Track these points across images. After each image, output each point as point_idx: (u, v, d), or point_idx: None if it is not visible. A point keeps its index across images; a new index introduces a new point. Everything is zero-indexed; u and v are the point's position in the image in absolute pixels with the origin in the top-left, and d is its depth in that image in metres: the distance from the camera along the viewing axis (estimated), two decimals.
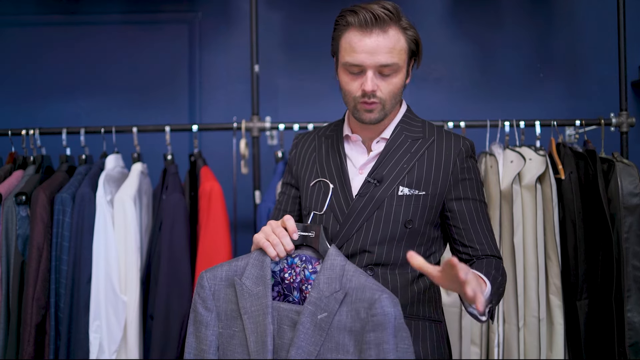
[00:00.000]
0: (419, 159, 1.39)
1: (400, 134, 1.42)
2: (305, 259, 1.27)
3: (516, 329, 2.02)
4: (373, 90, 1.33)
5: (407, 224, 1.37)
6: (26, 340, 1.91)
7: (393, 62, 1.33)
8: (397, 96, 1.39)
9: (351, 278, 1.18)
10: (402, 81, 1.37)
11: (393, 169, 1.38)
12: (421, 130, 1.44)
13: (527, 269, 2.03)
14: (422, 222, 1.38)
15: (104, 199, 2.00)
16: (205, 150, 2.46)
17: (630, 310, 2.00)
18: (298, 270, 1.27)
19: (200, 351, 1.24)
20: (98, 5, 2.85)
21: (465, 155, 1.41)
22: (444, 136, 1.43)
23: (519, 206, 2.04)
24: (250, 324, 1.21)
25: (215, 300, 1.26)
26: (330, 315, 1.16)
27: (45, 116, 2.75)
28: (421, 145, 1.41)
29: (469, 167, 1.41)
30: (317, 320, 1.17)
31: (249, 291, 1.23)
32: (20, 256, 1.97)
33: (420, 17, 2.87)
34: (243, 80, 2.77)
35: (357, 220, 1.37)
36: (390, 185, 1.37)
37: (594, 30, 2.83)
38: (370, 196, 1.37)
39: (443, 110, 2.71)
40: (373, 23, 1.31)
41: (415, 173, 1.38)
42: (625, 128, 2.33)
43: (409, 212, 1.36)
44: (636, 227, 2.02)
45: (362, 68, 1.33)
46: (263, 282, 1.22)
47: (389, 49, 1.32)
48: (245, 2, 2.82)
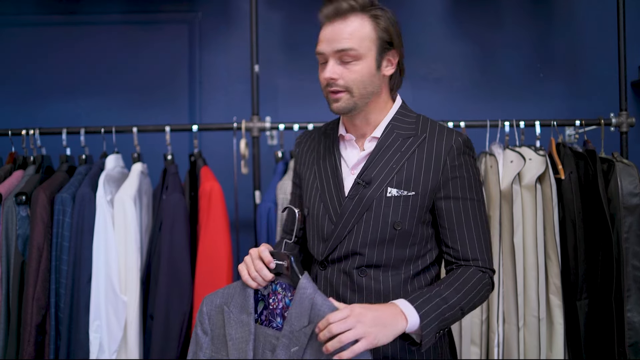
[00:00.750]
0: (409, 158, 1.36)
1: (391, 133, 1.40)
2: (284, 287, 1.30)
3: (516, 329, 2.02)
4: (331, 77, 1.33)
5: (396, 226, 1.35)
6: (26, 340, 1.91)
7: (350, 46, 1.32)
8: (366, 85, 1.35)
9: (318, 311, 1.22)
10: (368, 69, 1.34)
11: (382, 170, 1.37)
12: (414, 127, 1.40)
13: (527, 269, 2.03)
14: (413, 222, 1.35)
15: (104, 199, 2.00)
16: (205, 150, 2.46)
17: (630, 310, 2.00)
18: (280, 297, 1.31)
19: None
20: (98, 5, 2.85)
21: (457, 153, 1.35)
22: (436, 132, 1.38)
23: (518, 206, 2.04)
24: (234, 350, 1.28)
25: (211, 324, 1.33)
26: (301, 349, 1.21)
27: (45, 116, 2.76)
28: (412, 143, 1.38)
29: (460, 164, 1.36)
30: (291, 352, 1.22)
31: (235, 319, 1.30)
32: (20, 256, 1.97)
33: (420, 17, 2.88)
34: (243, 80, 2.77)
35: (348, 222, 1.36)
36: (379, 186, 1.36)
37: (594, 31, 2.83)
38: (359, 198, 1.36)
39: (443, 110, 2.71)
40: (335, 14, 1.33)
41: (405, 173, 1.36)
42: (625, 128, 2.34)
43: (397, 214, 1.34)
44: (636, 227, 2.03)
45: (325, 57, 1.35)
46: (246, 311, 1.29)
47: (348, 34, 1.32)
48: (245, 2, 2.82)
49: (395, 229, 1.34)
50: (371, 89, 1.37)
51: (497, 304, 2.03)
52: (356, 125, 1.43)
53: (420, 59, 2.87)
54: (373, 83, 1.36)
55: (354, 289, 1.37)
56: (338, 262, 1.39)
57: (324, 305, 1.22)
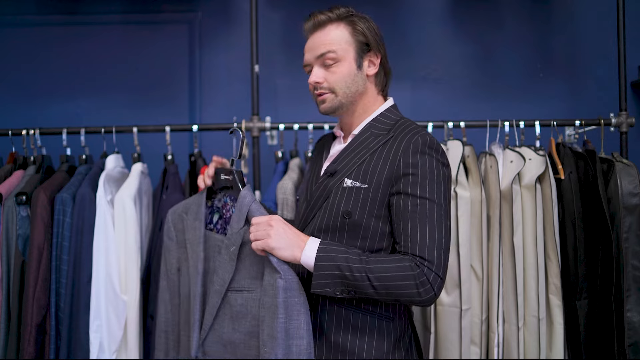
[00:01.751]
0: (372, 154, 1.44)
1: (366, 131, 1.49)
2: (232, 198, 1.51)
3: (516, 329, 2.02)
4: (316, 81, 1.47)
5: (345, 215, 1.41)
6: (26, 340, 1.91)
7: (328, 50, 1.45)
8: (349, 84, 1.46)
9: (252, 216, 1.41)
10: (348, 69, 1.46)
11: (347, 163, 1.46)
12: (388, 128, 1.48)
13: (527, 269, 2.03)
14: (364, 214, 1.39)
15: (104, 199, 2.00)
16: (205, 150, 2.46)
17: (629, 310, 2.00)
18: (229, 207, 1.53)
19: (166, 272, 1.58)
20: (98, 5, 2.85)
21: (412, 151, 1.38)
22: (402, 133, 1.44)
23: (518, 206, 2.05)
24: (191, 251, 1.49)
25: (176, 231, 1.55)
26: (237, 248, 1.39)
27: (45, 116, 2.76)
28: (379, 141, 1.45)
29: (415, 163, 1.37)
30: (230, 252, 1.40)
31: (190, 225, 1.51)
32: (20, 256, 1.97)
33: (420, 17, 2.88)
34: (243, 80, 2.77)
35: (314, 207, 1.48)
36: (339, 177, 1.45)
37: (594, 31, 2.83)
38: (323, 186, 1.47)
39: (443, 110, 2.72)
40: (315, 26, 1.48)
41: (364, 167, 1.43)
42: (625, 128, 2.34)
43: (349, 204, 1.41)
44: (636, 227, 2.03)
45: (310, 65, 1.49)
46: (199, 218, 1.51)
47: (326, 41, 1.46)
48: (245, 2, 2.82)
49: (344, 217, 1.41)
50: (355, 88, 1.47)
51: (497, 304, 2.03)
52: (345, 124, 1.55)
53: (421, 59, 2.87)
54: (356, 82, 1.47)
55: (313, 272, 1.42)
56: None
57: (257, 211, 1.41)
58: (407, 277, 1.30)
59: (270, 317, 1.33)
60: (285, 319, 1.31)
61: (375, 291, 1.31)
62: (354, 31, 1.47)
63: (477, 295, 2.04)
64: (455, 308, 2.01)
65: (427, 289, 1.30)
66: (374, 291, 1.31)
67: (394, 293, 1.31)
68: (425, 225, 1.34)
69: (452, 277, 2.01)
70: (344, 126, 1.56)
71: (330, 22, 1.47)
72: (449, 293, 2.02)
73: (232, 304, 1.41)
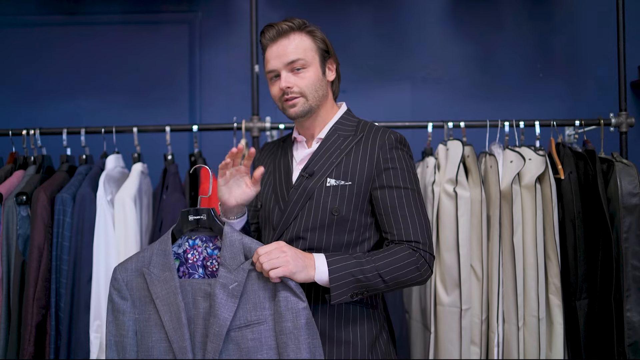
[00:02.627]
0: (347, 154, 1.53)
1: (333, 134, 1.58)
2: (205, 239, 1.47)
3: (516, 329, 2.02)
4: (287, 86, 1.53)
5: (334, 212, 1.50)
6: (27, 339, 1.91)
7: (297, 57, 1.54)
8: (317, 89, 1.56)
9: (250, 248, 1.40)
10: (316, 75, 1.56)
11: (324, 164, 1.54)
12: (353, 129, 1.59)
13: (527, 269, 2.03)
14: (350, 209, 1.50)
15: (104, 199, 2.00)
16: (205, 150, 2.46)
17: (629, 309, 2.00)
18: (200, 249, 1.47)
19: (120, 336, 1.42)
20: (98, 5, 2.86)
21: (388, 147, 1.51)
22: (372, 132, 1.56)
23: (518, 206, 2.05)
24: (163, 306, 1.39)
25: (129, 289, 1.43)
26: (240, 284, 1.37)
27: (45, 116, 2.76)
28: (350, 141, 1.55)
29: (392, 157, 1.51)
30: (229, 290, 1.37)
31: (157, 278, 1.41)
32: (20, 256, 1.98)
33: (420, 17, 2.88)
34: (243, 80, 2.77)
35: (294, 209, 1.53)
36: (320, 178, 1.52)
37: (594, 31, 2.83)
38: (302, 188, 1.53)
39: (443, 110, 2.72)
40: (278, 35, 1.57)
41: (343, 166, 1.52)
42: (625, 128, 2.34)
43: (335, 201, 1.50)
44: (635, 227, 2.03)
45: (277, 72, 1.56)
46: (169, 268, 1.41)
47: (294, 48, 1.55)
48: (245, 2, 2.82)
49: (333, 214, 1.50)
50: (321, 93, 1.57)
51: (497, 303, 2.03)
52: (306, 128, 1.62)
53: (420, 59, 2.87)
54: (322, 87, 1.58)
55: None
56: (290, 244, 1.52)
57: (252, 243, 1.41)
58: (410, 264, 1.43)
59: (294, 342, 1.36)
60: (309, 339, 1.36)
61: (386, 285, 1.42)
62: (314, 39, 1.58)
63: (477, 295, 2.05)
64: (455, 308, 2.01)
65: (425, 269, 1.46)
66: (385, 285, 1.42)
67: (401, 281, 1.44)
68: (412, 212, 1.48)
69: (452, 277, 2.01)
70: (305, 130, 1.63)
71: (292, 31, 1.57)
72: (449, 293, 2.02)
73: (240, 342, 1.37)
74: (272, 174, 1.65)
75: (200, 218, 1.45)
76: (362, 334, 1.50)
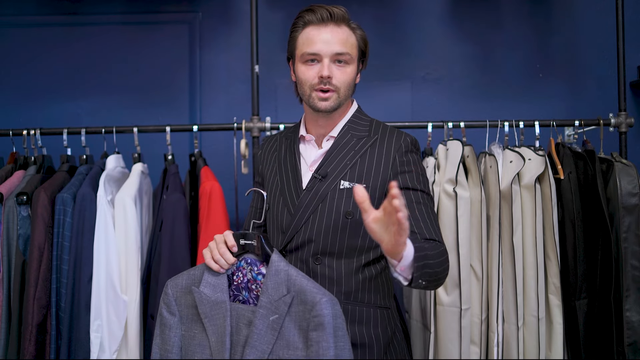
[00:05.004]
0: (362, 156, 1.49)
1: (347, 133, 1.53)
2: (250, 261, 1.40)
3: (515, 329, 2.02)
4: (329, 76, 1.45)
5: (347, 215, 1.45)
6: (27, 339, 1.91)
7: (346, 51, 1.47)
8: (350, 87, 1.51)
9: (294, 281, 1.33)
10: (354, 73, 1.51)
11: (337, 166, 1.49)
12: (367, 129, 1.54)
13: (527, 269, 2.03)
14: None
15: (104, 199, 2.01)
16: (205, 150, 2.46)
17: (629, 309, 2.01)
18: (245, 272, 1.41)
19: (165, 351, 1.42)
20: (98, 5, 2.86)
21: (404, 151, 1.49)
22: (387, 134, 1.52)
23: (518, 206, 2.05)
24: (211, 326, 1.37)
25: (178, 305, 1.42)
26: (280, 317, 1.32)
27: (46, 116, 2.76)
28: (365, 143, 1.51)
29: (408, 160, 1.49)
30: (270, 321, 1.32)
31: (207, 298, 1.38)
32: (21, 256, 1.98)
33: (420, 17, 2.88)
34: (243, 80, 2.77)
35: (305, 212, 1.48)
36: (333, 180, 1.48)
37: (593, 31, 2.83)
38: (315, 190, 1.48)
39: (443, 110, 2.72)
40: (329, 18, 1.47)
41: (357, 168, 1.48)
42: (624, 128, 2.34)
43: (349, 204, 1.45)
44: (635, 226, 2.03)
45: (319, 57, 1.47)
46: (221, 290, 1.39)
47: (343, 40, 1.47)
48: (245, 2, 2.82)
49: (347, 217, 1.45)
50: (350, 92, 1.53)
51: (497, 303, 2.03)
52: (320, 126, 1.55)
53: (420, 59, 2.87)
54: (352, 87, 1.53)
55: (310, 275, 1.45)
56: (295, 251, 1.49)
57: (299, 275, 1.34)
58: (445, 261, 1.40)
59: None
60: None
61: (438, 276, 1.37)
62: (357, 38, 1.51)
63: (477, 295, 2.05)
64: (455, 308, 2.02)
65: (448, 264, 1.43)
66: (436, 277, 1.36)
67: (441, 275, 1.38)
68: (430, 214, 1.46)
69: (452, 277, 2.01)
70: (318, 129, 1.55)
71: (344, 21, 1.49)
72: (449, 293, 2.02)
73: None
74: (278, 174, 1.59)
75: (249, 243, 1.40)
76: (377, 335, 1.48)
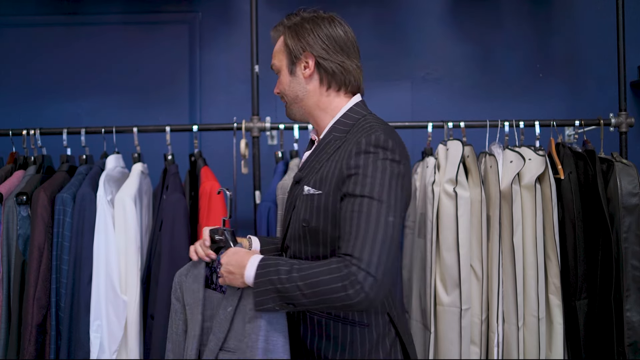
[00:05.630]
0: (329, 159, 1.37)
1: (329, 135, 1.42)
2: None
3: (516, 329, 2.02)
4: (276, 91, 1.52)
5: (304, 223, 1.37)
6: (27, 339, 1.91)
7: (273, 62, 1.50)
8: (289, 91, 1.47)
9: None
10: (287, 77, 1.47)
11: (310, 170, 1.42)
12: (348, 129, 1.40)
13: (527, 269, 2.03)
14: (320, 220, 1.34)
15: (104, 199, 2.00)
16: (205, 150, 2.46)
17: (629, 309, 2.01)
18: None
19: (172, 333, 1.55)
20: (98, 5, 2.86)
21: (355, 152, 1.29)
22: (357, 133, 1.36)
23: (518, 206, 2.05)
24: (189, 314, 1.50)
25: (181, 292, 1.54)
26: (233, 309, 1.41)
27: (45, 116, 2.76)
28: (337, 145, 1.38)
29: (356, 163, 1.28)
30: (227, 312, 1.41)
31: (188, 287, 1.52)
32: (21, 256, 1.98)
33: (420, 17, 2.88)
34: (243, 80, 2.77)
35: (286, 218, 1.47)
36: (302, 185, 1.41)
37: (594, 31, 2.83)
38: (292, 196, 1.47)
39: (443, 110, 2.72)
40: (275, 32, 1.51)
41: (321, 172, 1.36)
42: (625, 128, 2.34)
43: (307, 212, 1.37)
44: (635, 227, 2.03)
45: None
46: (198, 280, 1.50)
47: (275, 52, 1.50)
48: (245, 2, 2.82)
49: (303, 226, 1.38)
50: (294, 94, 1.47)
51: (497, 303, 2.03)
52: (314, 128, 1.53)
53: (420, 59, 2.87)
54: (293, 88, 1.46)
55: None
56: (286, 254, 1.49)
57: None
58: (334, 280, 1.20)
59: None
60: None
61: (308, 300, 1.23)
62: (286, 38, 1.45)
63: (477, 295, 2.05)
64: (455, 308, 2.02)
65: (357, 289, 1.19)
66: (307, 300, 1.23)
67: (324, 298, 1.22)
68: (361, 223, 1.23)
69: (452, 277, 2.01)
70: (318, 130, 1.50)
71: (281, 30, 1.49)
72: (449, 293, 2.02)
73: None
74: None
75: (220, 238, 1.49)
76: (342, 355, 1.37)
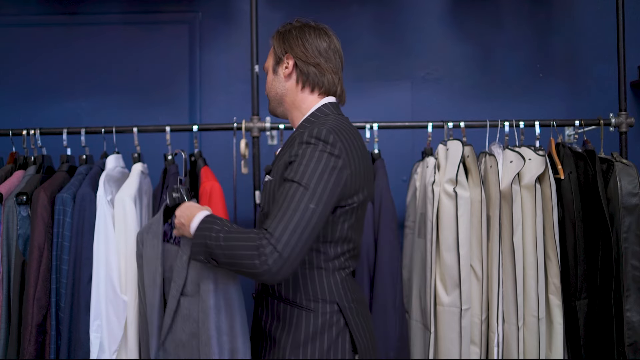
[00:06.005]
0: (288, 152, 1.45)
1: (296, 131, 1.56)
2: None
3: (516, 329, 2.02)
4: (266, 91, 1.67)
5: (261, 209, 1.52)
6: (27, 339, 1.91)
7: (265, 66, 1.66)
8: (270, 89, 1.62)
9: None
10: (270, 77, 1.62)
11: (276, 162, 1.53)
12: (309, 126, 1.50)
13: (527, 269, 2.03)
14: (270, 206, 1.47)
15: (104, 199, 2.00)
16: (205, 150, 2.46)
17: (629, 309, 2.01)
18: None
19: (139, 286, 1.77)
20: (98, 5, 2.86)
21: (298, 142, 1.42)
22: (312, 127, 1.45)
23: (518, 206, 2.05)
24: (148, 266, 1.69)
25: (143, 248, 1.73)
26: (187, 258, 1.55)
27: (45, 116, 2.76)
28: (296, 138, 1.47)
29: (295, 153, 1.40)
30: (182, 261, 1.56)
31: (149, 242, 1.69)
32: (21, 256, 1.98)
33: (420, 17, 2.88)
34: (243, 80, 2.77)
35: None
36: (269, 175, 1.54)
37: (594, 31, 2.83)
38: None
39: (443, 110, 2.72)
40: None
41: (278, 163, 1.49)
42: (625, 128, 2.34)
43: (263, 198, 1.51)
44: (635, 227, 2.03)
45: None
46: (157, 236, 1.68)
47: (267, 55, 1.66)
48: (245, 2, 2.82)
49: (262, 212, 1.52)
50: (274, 91, 1.62)
51: (497, 303, 2.03)
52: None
53: (420, 59, 2.87)
54: (274, 86, 1.61)
55: None
56: None
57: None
58: (246, 247, 1.31)
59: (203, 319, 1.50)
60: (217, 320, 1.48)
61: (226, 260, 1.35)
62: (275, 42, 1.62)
63: (477, 295, 2.05)
64: (455, 308, 2.02)
65: (262, 260, 1.28)
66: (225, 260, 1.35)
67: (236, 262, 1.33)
68: (283, 205, 1.33)
69: (452, 277, 2.01)
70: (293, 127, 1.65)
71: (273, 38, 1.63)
72: (449, 293, 2.02)
73: (182, 307, 1.58)
74: None
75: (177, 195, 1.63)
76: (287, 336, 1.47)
